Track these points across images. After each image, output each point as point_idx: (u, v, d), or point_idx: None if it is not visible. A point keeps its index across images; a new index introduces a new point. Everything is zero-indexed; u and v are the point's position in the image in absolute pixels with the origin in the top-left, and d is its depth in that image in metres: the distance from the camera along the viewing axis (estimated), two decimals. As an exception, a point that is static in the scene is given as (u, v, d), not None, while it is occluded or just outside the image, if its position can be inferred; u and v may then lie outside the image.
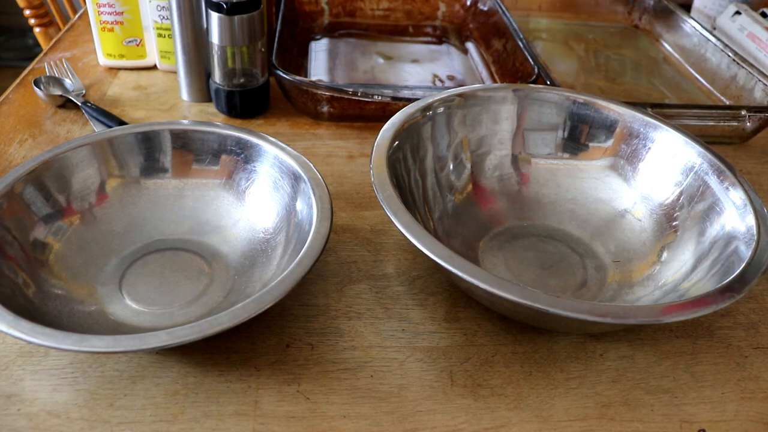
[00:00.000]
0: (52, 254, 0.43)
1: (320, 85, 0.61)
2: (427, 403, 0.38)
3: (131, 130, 0.49)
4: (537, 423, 0.37)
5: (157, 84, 0.70)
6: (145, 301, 0.43)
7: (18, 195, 0.43)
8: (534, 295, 0.35)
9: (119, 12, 0.67)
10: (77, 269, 0.44)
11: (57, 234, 0.44)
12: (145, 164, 0.49)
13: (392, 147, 0.46)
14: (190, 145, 0.50)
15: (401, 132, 0.48)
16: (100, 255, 0.45)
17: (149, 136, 0.49)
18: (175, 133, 0.49)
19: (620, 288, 0.45)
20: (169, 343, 0.33)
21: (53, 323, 0.36)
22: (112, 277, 0.44)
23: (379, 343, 0.41)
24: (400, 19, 0.88)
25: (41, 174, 0.45)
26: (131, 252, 0.46)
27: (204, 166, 0.50)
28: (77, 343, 0.33)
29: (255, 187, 0.49)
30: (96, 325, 0.40)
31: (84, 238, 0.46)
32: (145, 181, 0.49)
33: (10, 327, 0.33)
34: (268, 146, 0.48)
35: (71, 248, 0.45)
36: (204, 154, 0.50)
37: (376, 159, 0.44)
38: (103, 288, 0.43)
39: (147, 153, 0.49)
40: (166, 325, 0.41)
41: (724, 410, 0.39)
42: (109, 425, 0.35)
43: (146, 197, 0.49)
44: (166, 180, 0.50)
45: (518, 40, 0.71)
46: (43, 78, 0.65)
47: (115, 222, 0.47)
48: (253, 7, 0.58)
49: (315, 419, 0.37)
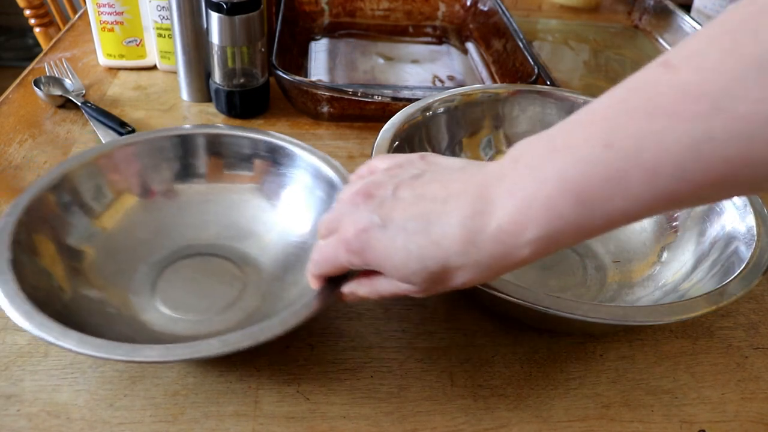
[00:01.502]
0: (86, 260, 0.42)
1: (320, 85, 0.61)
2: (427, 403, 0.38)
3: (163, 133, 0.48)
4: (537, 423, 0.37)
5: (157, 84, 0.70)
6: (181, 308, 0.42)
7: (51, 200, 0.42)
8: (534, 296, 0.35)
9: (119, 12, 0.67)
10: (113, 268, 0.43)
11: (90, 240, 0.43)
12: (176, 169, 0.49)
13: (392, 147, 0.46)
14: (224, 151, 0.49)
15: (401, 132, 0.48)
16: (129, 262, 0.44)
17: (182, 141, 0.48)
18: (209, 137, 0.49)
19: (620, 288, 0.45)
20: (222, 351, 0.32)
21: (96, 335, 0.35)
22: (144, 285, 0.43)
23: (379, 344, 0.41)
24: (400, 20, 0.88)
25: (72, 179, 0.44)
26: (161, 258, 0.45)
27: (236, 171, 0.49)
28: (129, 354, 0.32)
29: (288, 192, 0.48)
30: (135, 335, 0.39)
31: (122, 239, 0.45)
32: (176, 186, 0.49)
33: (58, 338, 0.32)
34: (301, 152, 0.47)
35: (109, 248, 0.44)
36: (236, 159, 0.49)
37: None
38: (136, 296, 0.42)
39: (180, 157, 0.49)
40: (206, 332, 0.40)
41: (724, 411, 0.39)
42: (108, 426, 0.35)
43: (174, 203, 0.48)
44: (195, 185, 0.49)
45: (518, 40, 0.71)
46: (43, 78, 0.65)
47: (141, 228, 0.46)
48: (253, 7, 0.58)
49: (315, 419, 0.37)
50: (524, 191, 0.26)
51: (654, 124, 0.22)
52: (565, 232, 0.25)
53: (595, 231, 0.25)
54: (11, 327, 0.40)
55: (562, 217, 0.25)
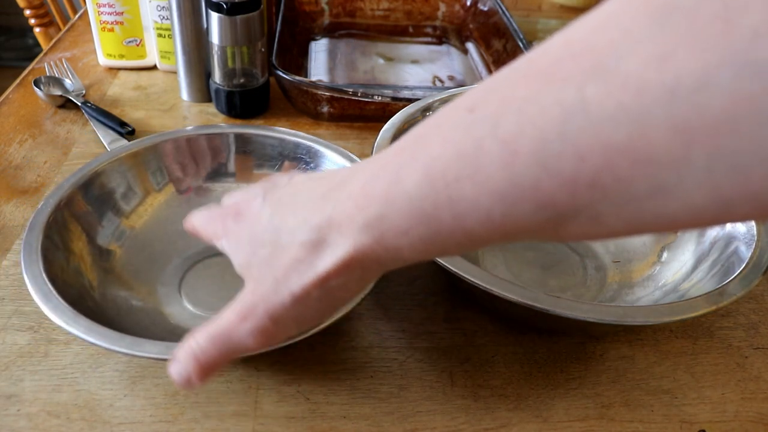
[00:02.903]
0: (115, 256, 0.43)
1: (320, 85, 0.61)
2: (427, 403, 0.38)
3: (193, 132, 0.49)
4: (537, 423, 0.37)
5: (157, 84, 0.70)
6: (202, 305, 0.43)
7: (80, 199, 0.43)
8: (534, 296, 0.35)
9: (119, 12, 0.67)
10: (141, 266, 0.44)
11: (120, 238, 0.45)
12: (211, 167, 0.50)
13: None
14: (254, 150, 0.50)
15: (401, 132, 0.48)
16: (163, 254, 0.45)
17: (211, 139, 0.49)
18: (239, 136, 0.50)
19: (620, 288, 0.45)
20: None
21: (111, 322, 0.36)
22: (173, 278, 0.44)
23: (379, 344, 0.41)
24: (400, 20, 0.88)
25: (100, 178, 0.45)
26: (194, 254, 0.46)
27: (265, 171, 0.50)
28: (131, 347, 0.33)
29: None
30: (152, 326, 0.40)
31: (148, 238, 0.46)
32: (212, 184, 0.50)
33: (64, 321, 0.33)
34: (327, 150, 0.48)
35: (135, 246, 0.45)
36: (267, 159, 0.50)
37: None
38: (163, 288, 0.43)
39: (212, 155, 0.50)
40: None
41: (724, 410, 0.39)
42: (109, 426, 0.35)
43: (206, 201, 0.49)
44: (225, 184, 0.50)
45: (518, 40, 0.71)
46: (43, 78, 0.65)
47: (173, 225, 0.47)
48: (253, 7, 0.58)
49: (315, 419, 0.37)
50: (382, 159, 0.22)
51: (524, 87, 0.17)
52: (406, 217, 0.20)
53: (443, 229, 0.20)
54: (11, 327, 0.40)
55: (403, 195, 0.20)
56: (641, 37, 0.15)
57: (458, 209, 0.19)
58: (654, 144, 0.15)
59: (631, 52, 0.15)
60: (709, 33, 0.14)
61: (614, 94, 0.15)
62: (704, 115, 0.14)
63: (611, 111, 0.15)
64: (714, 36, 0.14)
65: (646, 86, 0.14)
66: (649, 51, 0.15)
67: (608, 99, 0.15)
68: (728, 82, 0.13)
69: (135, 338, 0.33)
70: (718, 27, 0.14)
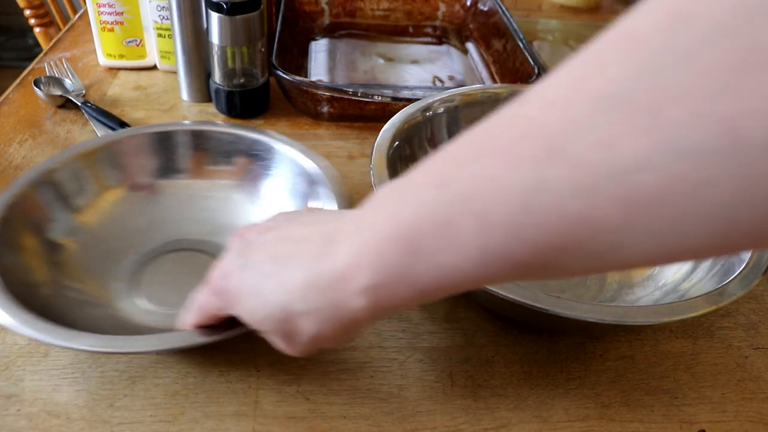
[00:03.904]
0: (68, 251, 0.43)
1: (320, 85, 0.61)
2: (427, 403, 0.38)
3: (150, 129, 0.49)
4: (537, 423, 0.37)
5: (157, 84, 0.70)
6: (155, 301, 0.43)
7: (33, 196, 0.43)
8: (534, 296, 0.35)
9: (119, 12, 0.67)
10: (95, 262, 0.44)
11: (73, 233, 0.44)
12: (164, 164, 0.49)
13: (392, 147, 0.46)
14: (209, 146, 0.50)
15: (401, 132, 0.48)
16: (120, 250, 0.45)
17: (168, 137, 0.49)
18: (194, 133, 0.50)
19: (620, 288, 0.45)
20: (158, 348, 0.33)
21: (62, 317, 0.36)
22: (128, 273, 0.44)
23: (379, 344, 0.41)
24: (400, 20, 0.88)
25: (57, 175, 0.45)
26: (150, 250, 0.46)
27: (221, 167, 0.50)
28: (68, 340, 0.33)
29: (270, 186, 0.49)
30: (104, 321, 0.40)
31: (104, 234, 0.46)
32: (165, 181, 0.50)
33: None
34: (282, 146, 0.48)
35: (90, 242, 0.45)
36: (222, 155, 0.50)
37: (376, 159, 0.44)
38: (118, 283, 0.43)
39: (167, 152, 0.49)
40: (171, 326, 0.41)
41: (724, 410, 0.39)
42: (109, 426, 0.35)
43: (159, 198, 0.49)
44: (179, 180, 0.50)
45: (518, 40, 0.71)
46: (43, 78, 0.65)
47: (126, 222, 0.47)
48: (253, 7, 0.58)
49: (315, 419, 0.37)
50: (362, 234, 0.23)
51: (491, 166, 0.19)
52: (396, 284, 0.22)
53: (428, 289, 0.22)
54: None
55: (391, 267, 0.22)
56: (588, 124, 0.17)
57: (441, 274, 0.21)
58: (606, 214, 0.17)
59: (580, 137, 0.17)
60: (642, 123, 0.16)
61: (569, 174, 0.18)
62: (643, 190, 0.16)
63: (568, 188, 0.18)
64: (645, 126, 0.16)
65: (594, 167, 0.17)
66: (595, 137, 0.17)
67: (564, 178, 0.18)
68: (660, 163, 0.16)
69: (73, 331, 0.33)
70: (648, 118, 0.16)
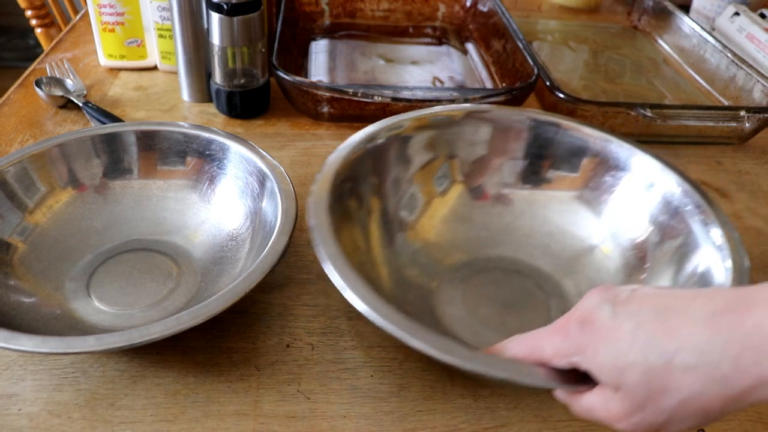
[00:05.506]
0: (16, 250, 0.43)
1: (320, 85, 0.62)
2: (427, 402, 0.38)
3: (102, 130, 0.49)
4: (536, 423, 0.37)
5: (158, 84, 0.70)
6: (108, 301, 0.43)
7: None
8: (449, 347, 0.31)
9: (120, 13, 0.67)
10: (48, 263, 0.44)
11: (23, 233, 0.44)
12: (114, 164, 0.49)
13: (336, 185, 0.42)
14: (159, 146, 0.50)
15: (345, 168, 0.44)
16: (75, 251, 0.46)
17: (120, 137, 0.49)
18: (144, 132, 0.49)
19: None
20: (96, 349, 0.33)
21: (9, 318, 0.36)
22: (83, 274, 0.44)
23: (379, 343, 0.41)
24: (400, 20, 0.88)
25: (5, 174, 0.45)
26: (106, 250, 0.46)
27: (170, 167, 0.50)
28: (6, 341, 0.33)
29: (222, 185, 0.48)
30: (54, 321, 0.40)
31: (58, 234, 0.46)
32: (114, 181, 0.49)
33: None
34: (233, 144, 0.48)
35: (43, 242, 0.45)
36: (172, 155, 0.50)
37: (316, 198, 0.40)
38: (72, 283, 0.44)
39: (116, 152, 0.49)
40: (122, 326, 0.41)
41: (723, 410, 0.39)
42: (110, 425, 0.35)
43: (126, 197, 0.49)
44: (145, 181, 0.50)
45: (518, 40, 0.72)
46: (44, 78, 0.66)
47: (94, 219, 0.48)
48: (254, 7, 0.58)
49: (315, 419, 0.37)
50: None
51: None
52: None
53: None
54: (12, 327, 0.41)
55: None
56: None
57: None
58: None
59: None
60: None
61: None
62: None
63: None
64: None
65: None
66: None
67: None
68: None
69: (10, 332, 0.33)
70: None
